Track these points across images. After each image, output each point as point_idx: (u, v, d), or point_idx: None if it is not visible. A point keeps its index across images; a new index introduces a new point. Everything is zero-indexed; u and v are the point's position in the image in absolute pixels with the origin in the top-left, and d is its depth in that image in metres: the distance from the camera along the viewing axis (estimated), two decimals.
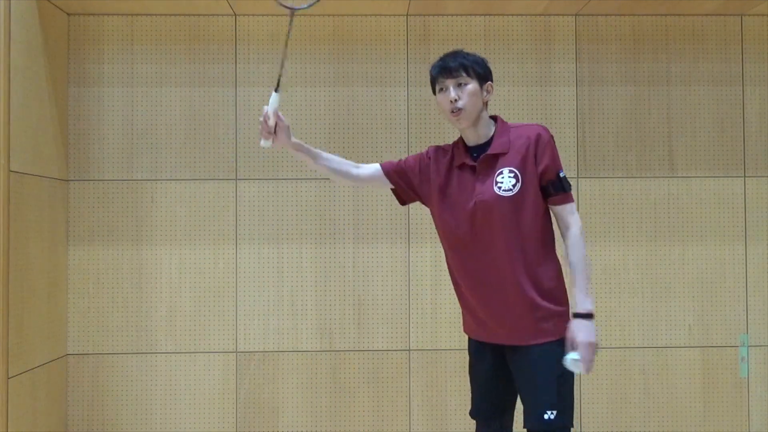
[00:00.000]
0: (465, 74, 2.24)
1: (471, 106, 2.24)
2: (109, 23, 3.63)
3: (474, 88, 2.25)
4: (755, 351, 3.66)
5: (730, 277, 3.67)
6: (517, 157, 2.22)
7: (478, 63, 2.28)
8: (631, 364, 3.65)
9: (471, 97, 2.24)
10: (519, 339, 2.23)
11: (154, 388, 3.59)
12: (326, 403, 3.61)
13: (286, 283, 3.63)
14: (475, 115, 2.26)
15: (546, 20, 3.70)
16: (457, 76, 2.24)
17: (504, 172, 2.22)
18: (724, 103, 3.70)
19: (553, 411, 2.17)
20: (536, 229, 2.23)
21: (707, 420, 3.64)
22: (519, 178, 2.21)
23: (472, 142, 2.32)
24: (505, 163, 2.23)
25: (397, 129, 3.66)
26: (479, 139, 2.30)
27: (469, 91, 2.24)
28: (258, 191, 3.63)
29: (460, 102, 2.23)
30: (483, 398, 2.40)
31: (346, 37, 3.68)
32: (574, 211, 2.25)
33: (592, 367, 2.17)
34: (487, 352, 2.36)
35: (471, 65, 2.26)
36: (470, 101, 2.24)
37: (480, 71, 2.27)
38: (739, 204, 3.68)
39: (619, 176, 3.68)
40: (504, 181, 2.21)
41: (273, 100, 2.24)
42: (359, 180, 2.46)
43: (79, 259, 3.59)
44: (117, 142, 3.62)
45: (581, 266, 2.22)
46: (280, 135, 2.27)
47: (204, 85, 3.64)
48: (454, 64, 2.25)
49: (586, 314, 2.18)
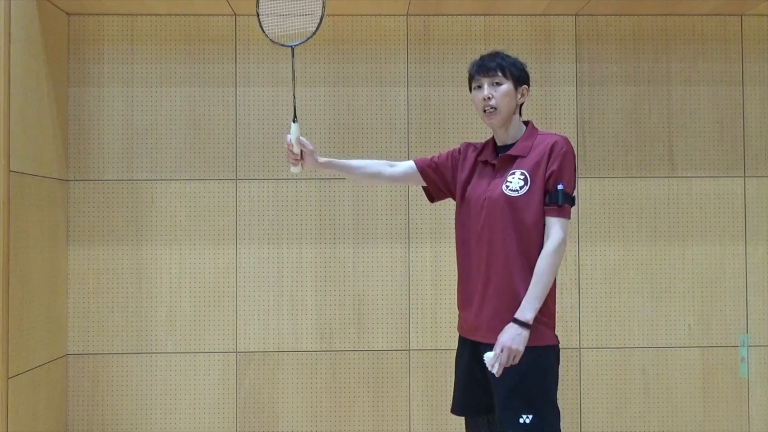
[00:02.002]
0: (501, 74, 2.30)
1: (504, 106, 2.30)
2: (109, 23, 3.63)
3: (508, 88, 2.31)
4: (755, 351, 3.66)
5: (730, 277, 3.67)
6: (532, 161, 2.27)
7: (515, 65, 2.34)
8: (631, 364, 3.65)
9: (504, 97, 2.30)
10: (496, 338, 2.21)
11: (154, 388, 3.59)
12: (326, 403, 3.61)
13: (286, 283, 3.63)
14: (506, 116, 2.32)
15: (546, 20, 3.70)
16: (493, 75, 2.30)
17: (516, 173, 2.27)
18: (724, 103, 3.70)
19: (528, 415, 2.18)
20: (537, 234, 2.26)
21: (707, 420, 3.64)
22: (528, 182, 2.25)
23: (500, 142, 2.38)
24: (521, 166, 2.28)
25: (397, 129, 3.66)
26: (508, 139, 2.37)
27: (503, 91, 2.30)
28: (258, 191, 3.63)
29: (493, 101, 2.29)
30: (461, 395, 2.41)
31: (346, 37, 3.68)
32: (562, 227, 2.24)
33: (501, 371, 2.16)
34: (466, 349, 2.39)
35: (508, 66, 2.32)
36: (503, 101, 2.30)
37: (517, 73, 2.33)
38: (739, 204, 3.68)
39: (619, 176, 3.68)
40: (513, 181, 2.26)
41: (293, 129, 2.37)
42: (394, 179, 2.54)
43: (79, 259, 3.59)
44: (117, 142, 3.62)
45: (543, 277, 2.21)
46: (307, 159, 2.40)
47: (204, 85, 3.64)
48: (492, 63, 2.31)
49: (522, 322, 2.17)
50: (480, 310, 2.29)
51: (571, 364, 3.63)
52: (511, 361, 2.16)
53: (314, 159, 2.41)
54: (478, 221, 2.30)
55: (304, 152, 2.39)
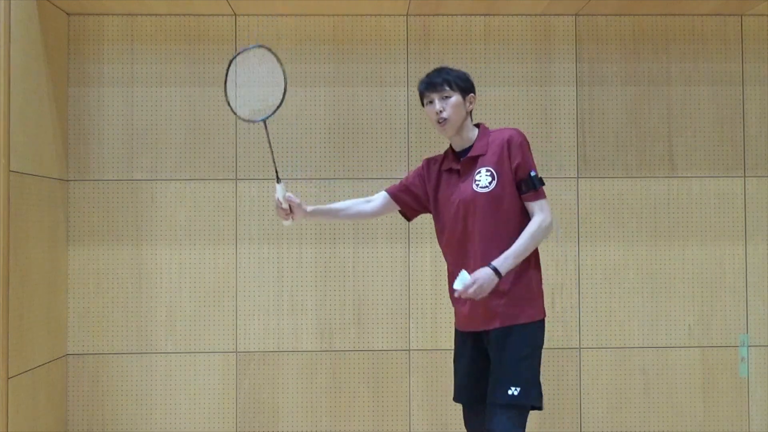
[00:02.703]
0: (449, 88, 2.48)
1: (455, 116, 2.48)
2: (109, 23, 3.63)
3: (457, 100, 2.48)
4: (755, 351, 3.66)
5: (730, 277, 3.67)
6: (493, 157, 2.45)
7: (460, 77, 2.51)
8: (631, 364, 3.65)
9: (454, 108, 2.47)
10: (491, 323, 2.42)
11: (154, 388, 3.59)
12: (326, 403, 3.61)
13: (286, 283, 3.63)
14: (458, 124, 2.50)
15: (546, 20, 3.70)
16: (441, 90, 2.48)
17: (482, 171, 2.45)
18: (724, 103, 3.70)
19: (517, 387, 2.36)
20: (514, 223, 2.43)
21: (707, 420, 3.64)
22: (495, 177, 2.42)
23: (458, 148, 2.56)
24: (484, 163, 2.46)
25: (397, 129, 3.66)
26: (464, 144, 2.54)
27: (453, 103, 2.47)
28: (258, 191, 3.63)
29: (444, 113, 2.47)
30: (464, 387, 2.57)
31: (346, 37, 3.68)
32: (545, 206, 2.44)
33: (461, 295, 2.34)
34: (468, 343, 2.54)
35: (454, 80, 2.49)
36: (454, 112, 2.47)
37: (462, 85, 2.50)
38: (739, 204, 3.68)
39: (619, 176, 3.68)
40: (481, 179, 2.43)
41: (279, 189, 2.59)
42: (375, 213, 2.73)
43: (79, 259, 3.59)
44: (117, 142, 3.62)
45: (525, 241, 2.38)
46: (296, 211, 2.61)
47: (204, 85, 3.64)
48: (438, 79, 2.49)
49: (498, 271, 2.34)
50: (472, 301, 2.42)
51: (571, 364, 3.64)
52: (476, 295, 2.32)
53: (303, 210, 2.61)
54: (457, 223, 2.47)
55: (292, 206, 2.60)
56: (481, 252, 2.41)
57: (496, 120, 3.64)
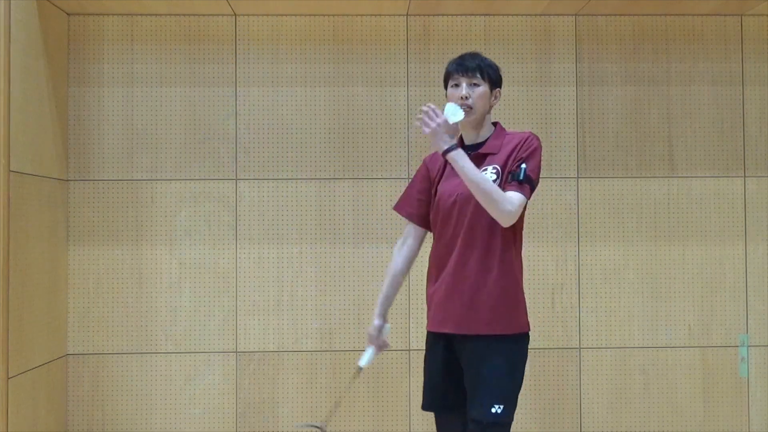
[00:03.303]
0: (480, 76, 2.37)
1: (479, 106, 2.37)
2: (109, 23, 3.63)
3: (485, 90, 2.38)
4: (755, 351, 3.66)
5: (730, 277, 3.67)
6: (503, 157, 2.34)
7: (492, 68, 2.42)
8: (631, 364, 3.65)
9: (480, 98, 2.37)
10: (470, 328, 2.32)
11: (154, 388, 3.59)
12: (326, 403, 3.61)
13: (286, 283, 3.63)
14: (480, 116, 2.39)
15: (546, 20, 3.70)
16: (472, 76, 2.37)
17: (488, 168, 2.34)
18: (724, 103, 3.70)
19: (500, 405, 2.26)
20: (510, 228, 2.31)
21: (707, 420, 3.64)
22: (500, 175, 2.32)
23: (469, 141, 2.45)
24: (492, 162, 2.35)
25: (397, 129, 3.66)
26: (477, 138, 2.43)
27: (480, 92, 2.37)
28: (258, 191, 3.63)
29: (470, 100, 2.35)
30: (434, 391, 2.48)
31: (346, 37, 3.68)
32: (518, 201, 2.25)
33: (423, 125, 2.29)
34: (439, 345, 2.45)
35: (486, 69, 2.39)
36: (479, 102, 2.37)
37: (493, 76, 2.41)
38: (739, 204, 3.68)
39: (619, 176, 3.68)
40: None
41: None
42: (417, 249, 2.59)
43: (79, 259, 3.59)
44: (117, 142, 3.62)
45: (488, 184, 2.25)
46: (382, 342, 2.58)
47: (204, 85, 3.64)
48: (471, 64, 2.38)
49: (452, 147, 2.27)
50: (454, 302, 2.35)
51: (571, 364, 3.64)
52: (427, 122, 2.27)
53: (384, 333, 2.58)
54: (451, 217, 2.36)
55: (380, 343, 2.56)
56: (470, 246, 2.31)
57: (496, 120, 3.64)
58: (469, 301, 2.32)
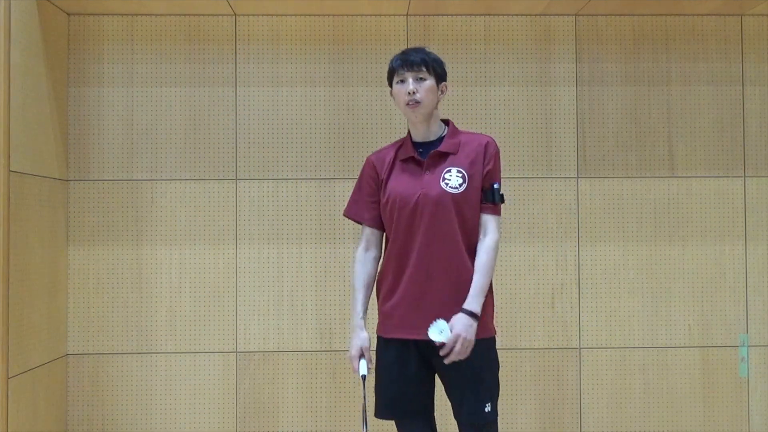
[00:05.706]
0: (425, 70, 2.35)
1: (427, 100, 2.36)
2: (109, 23, 3.63)
3: (431, 84, 2.36)
4: (755, 351, 3.66)
5: (730, 277, 3.67)
6: (465, 160, 2.35)
7: (437, 62, 2.40)
8: (631, 364, 3.65)
9: (428, 92, 2.35)
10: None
11: (154, 388, 3.59)
12: (326, 403, 3.61)
13: (286, 283, 3.63)
14: (429, 111, 2.39)
15: (546, 20, 3.70)
16: (418, 70, 2.35)
17: (452, 170, 2.34)
18: (724, 103, 3.70)
19: (488, 404, 2.32)
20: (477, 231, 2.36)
21: (707, 420, 3.64)
22: (465, 179, 2.33)
23: (419, 138, 2.44)
24: (454, 163, 2.35)
25: (397, 129, 3.66)
26: (428, 136, 2.43)
27: (427, 86, 2.35)
28: (258, 191, 3.63)
29: (417, 95, 2.34)
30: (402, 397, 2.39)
31: (345, 37, 3.68)
32: (497, 226, 2.36)
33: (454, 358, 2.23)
34: (410, 351, 2.38)
35: (432, 63, 2.37)
36: (427, 96, 2.35)
37: (438, 70, 2.40)
38: (739, 204, 3.68)
39: (619, 176, 3.68)
40: (452, 179, 2.33)
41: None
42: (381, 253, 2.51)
43: (79, 259, 3.59)
44: (117, 142, 3.62)
45: (485, 270, 2.31)
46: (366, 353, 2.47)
47: (204, 85, 3.64)
48: (416, 58, 2.36)
49: (473, 313, 2.27)
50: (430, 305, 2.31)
51: (571, 364, 3.64)
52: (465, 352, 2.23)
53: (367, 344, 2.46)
54: (413, 218, 2.33)
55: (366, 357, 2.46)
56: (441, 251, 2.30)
57: (496, 120, 3.64)
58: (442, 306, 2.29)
